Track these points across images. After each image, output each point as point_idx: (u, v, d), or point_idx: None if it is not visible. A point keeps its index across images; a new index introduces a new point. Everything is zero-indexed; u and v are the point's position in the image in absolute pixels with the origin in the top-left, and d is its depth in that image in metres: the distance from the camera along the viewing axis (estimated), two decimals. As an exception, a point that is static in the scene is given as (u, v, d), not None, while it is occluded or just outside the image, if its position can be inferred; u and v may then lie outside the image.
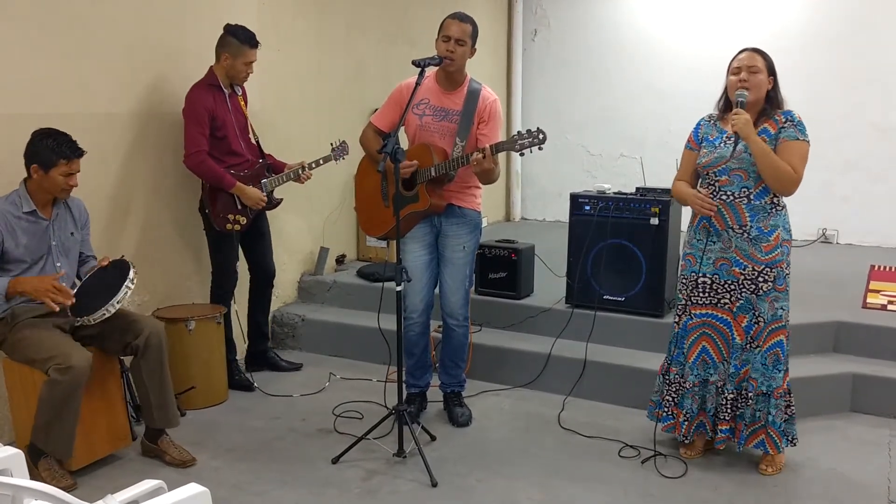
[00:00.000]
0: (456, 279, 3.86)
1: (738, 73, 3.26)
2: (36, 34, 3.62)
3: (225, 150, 4.17)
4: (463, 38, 3.62)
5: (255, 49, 4.17)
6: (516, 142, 3.49)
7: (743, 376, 3.38)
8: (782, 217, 3.31)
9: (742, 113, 3.19)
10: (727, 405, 3.41)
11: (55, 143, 3.22)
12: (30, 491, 1.70)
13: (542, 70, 8.04)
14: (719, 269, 3.36)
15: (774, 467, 3.44)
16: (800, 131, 3.24)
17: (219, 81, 4.15)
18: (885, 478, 3.41)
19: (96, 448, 3.46)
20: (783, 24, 6.80)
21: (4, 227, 3.23)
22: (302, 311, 5.19)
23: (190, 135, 4.05)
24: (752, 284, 3.30)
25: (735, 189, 3.28)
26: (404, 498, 3.24)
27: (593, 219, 4.46)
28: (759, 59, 3.27)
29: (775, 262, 3.28)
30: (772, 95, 3.30)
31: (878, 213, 6.68)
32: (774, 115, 3.27)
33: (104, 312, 3.24)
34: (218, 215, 4.18)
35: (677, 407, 3.54)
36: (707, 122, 3.48)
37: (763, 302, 3.31)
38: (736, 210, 3.29)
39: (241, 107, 4.31)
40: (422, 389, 4.07)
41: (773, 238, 3.27)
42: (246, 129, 4.33)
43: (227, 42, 4.11)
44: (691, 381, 3.48)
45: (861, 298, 4.81)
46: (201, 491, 1.93)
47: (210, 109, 4.06)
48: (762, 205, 3.26)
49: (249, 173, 4.26)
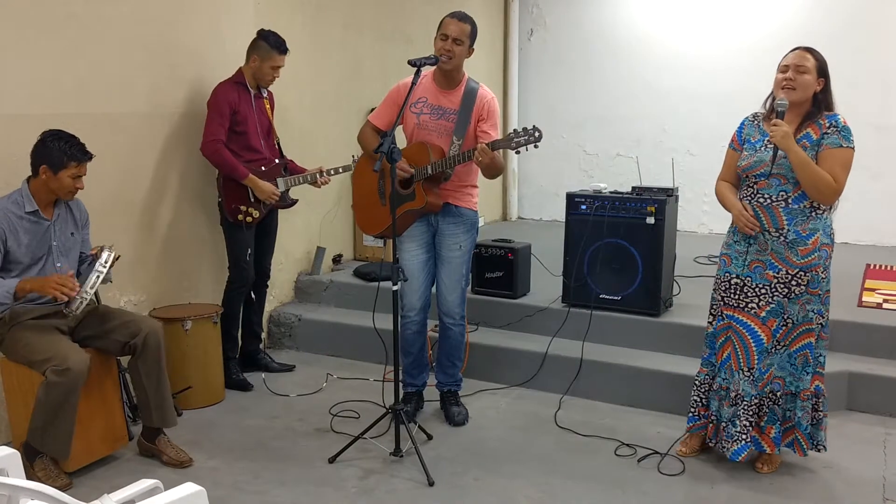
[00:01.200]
0: (453, 278, 3.86)
1: (786, 72, 3.18)
2: (32, 35, 3.61)
3: (243, 145, 4.25)
4: (461, 37, 3.62)
5: (284, 55, 4.27)
6: (512, 139, 3.50)
7: (766, 380, 3.32)
8: (823, 221, 3.22)
9: (781, 124, 3.10)
10: (750, 412, 3.33)
11: (67, 145, 3.25)
12: (26, 491, 1.71)
13: (538, 70, 8.05)
14: (753, 272, 3.30)
15: (770, 466, 3.44)
16: (844, 137, 3.14)
17: (245, 81, 4.25)
18: (880, 475, 3.42)
19: (93, 449, 3.45)
20: (779, 22, 6.80)
21: (7, 226, 3.23)
22: (298, 311, 5.19)
23: (210, 124, 4.16)
24: (785, 288, 3.24)
25: (773, 192, 3.22)
26: (401, 497, 3.25)
27: (590, 218, 4.47)
28: (810, 58, 3.17)
29: (811, 265, 3.21)
30: (820, 98, 3.20)
31: (874, 212, 6.68)
32: (819, 119, 3.18)
33: (80, 301, 3.23)
34: (230, 206, 4.24)
35: (705, 407, 3.52)
36: (751, 122, 3.39)
37: (794, 305, 3.26)
38: (773, 213, 3.23)
39: (266, 109, 4.41)
40: (418, 388, 4.07)
41: (811, 242, 3.20)
42: (269, 131, 4.42)
43: (257, 45, 4.23)
44: (719, 382, 3.44)
45: (857, 297, 4.82)
46: (197, 490, 1.93)
47: (232, 104, 4.17)
48: (800, 208, 3.20)
49: (266, 170, 4.32)
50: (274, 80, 4.34)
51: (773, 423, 3.36)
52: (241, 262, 4.35)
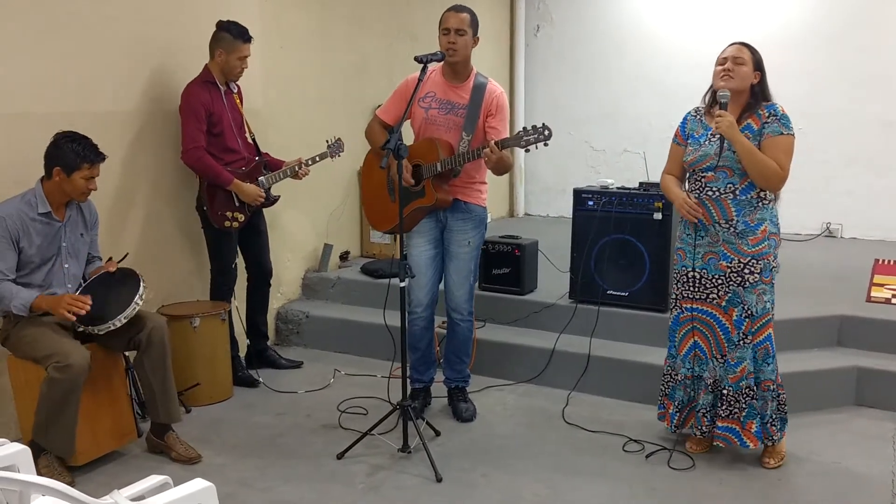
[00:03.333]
0: (461, 274, 3.86)
1: (724, 64, 3.27)
2: (35, 34, 3.62)
3: (222, 147, 4.18)
4: (462, 27, 3.62)
5: (249, 43, 4.17)
6: (521, 138, 3.50)
7: (740, 375, 3.36)
8: (769, 210, 3.31)
9: (726, 115, 3.18)
10: (727, 404, 3.39)
11: (80, 147, 3.27)
12: (37, 486, 1.71)
13: (544, 66, 8.03)
14: (707, 264, 3.37)
15: (776, 458, 3.44)
16: (784, 125, 3.22)
17: (214, 78, 4.16)
18: (889, 471, 3.41)
19: (101, 443, 3.47)
20: (786, 18, 6.78)
21: (21, 227, 3.25)
22: (306, 308, 5.20)
23: (187, 131, 4.06)
24: (739, 277, 3.31)
25: (721, 185, 3.29)
26: (409, 493, 3.25)
27: (596, 214, 4.46)
28: (746, 51, 3.28)
29: (762, 254, 3.29)
30: (757, 90, 3.29)
31: (882, 207, 6.67)
32: (758, 110, 3.26)
33: (110, 326, 3.30)
34: (216, 213, 4.18)
35: (667, 398, 3.59)
36: (693, 116, 3.48)
37: (751, 294, 3.31)
38: (722, 205, 3.29)
39: (237, 104, 4.31)
40: (426, 385, 4.07)
41: (759, 231, 3.28)
42: (242, 126, 4.34)
43: (220, 38, 4.12)
44: (683, 373, 3.51)
45: (865, 292, 4.81)
46: (207, 486, 1.94)
47: (207, 105, 4.08)
48: (748, 199, 3.27)
49: (246, 171, 4.27)
50: (243, 72, 4.23)
51: (752, 417, 3.38)
52: (227, 267, 4.33)
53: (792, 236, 3.52)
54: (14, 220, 3.23)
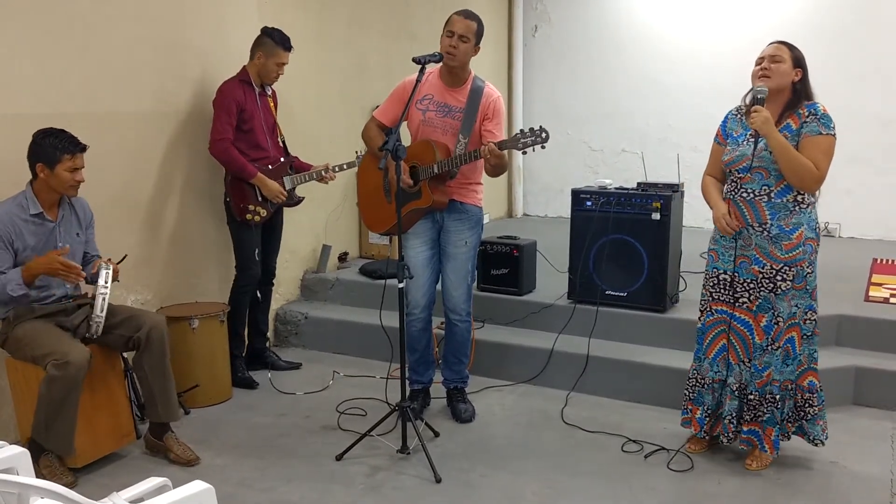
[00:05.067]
0: (458, 275, 3.87)
1: (761, 63, 3.23)
2: (37, 34, 3.62)
3: (250, 144, 4.26)
4: (467, 34, 3.62)
5: (289, 52, 4.29)
6: (519, 140, 3.50)
7: (766, 380, 3.32)
8: (807, 215, 3.23)
9: (761, 110, 3.13)
10: (751, 408, 3.36)
11: (57, 140, 3.26)
12: (36, 489, 1.71)
13: (542, 66, 8.04)
14: (739, 267, 3.32)
15: (760, 462, 3.42)
16: (823, 125, 3.16)
17: (250, 79, 4.26)
18: (888, 470, 3.41)
19: (100, 445, 3.47)
20: (784, 16, 6.78)
21: (13, 230, 3.25)
22: (305, 309, 5.20)
23: (217, 123, 4.17)
24: (771, 283, 3.25)
25: (756, 187, 3.24)
26: (408, 494, 3.25)
27: (595, 214, 4.46)
28: (785, 49, 3.23)
29: (795, 260, 3.21)
30: (798, 88, 3.23)
31: (880, 207, 6.67)
32: (798, 109, 3.20)
33: (96, 325, 3.29)
34: (238, 205, 4.25)
35: (693, 402, 3.53)
36: (734, 115, 3.42)
37: (782, 301, 3.25)
38: (756, 208, 3.24)
39: (270, 107, 4.41)
40: (425, 386, 4.07)
41: (794, 236, 3.21)
42: (274, 129, 4.43)
43: (262, 42, 4.24)
44: (710, 376, 3.45)
45: (863, 292, 4.81)
46: (206, 488, 1.94)
47: (239, 102, 4.18)
48: (783, 203, 3.21)
49: (273, 169, 4.33)
50: (278, 78, 4.35)
51: (772, 424, 3.35)
52: (249, 261, 4.37)
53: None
54: (5, 223, 3.23)
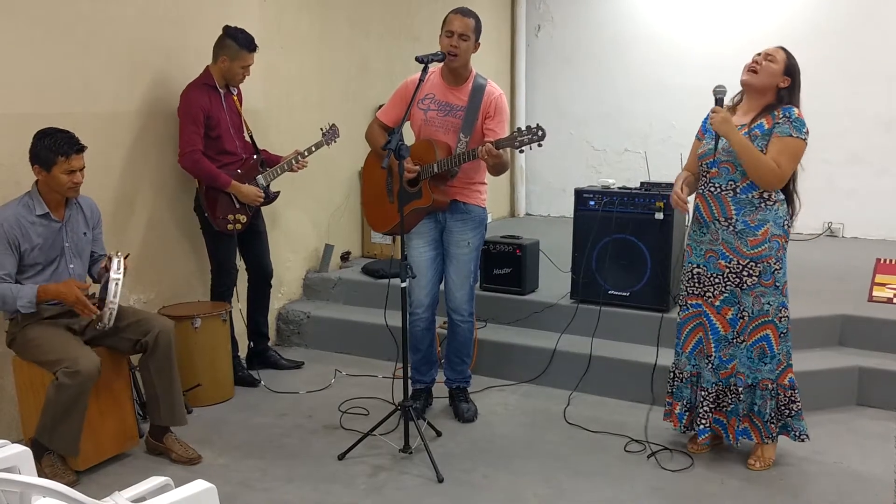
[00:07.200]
0: (461, 275, 3.86)
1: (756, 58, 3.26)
2: (39, 34, 3.63)
3: (219, 150, 4.18)
4: (466, 32, 3.61)
5: (254, 53, 4.18)
6: (515, 138, 3.50)
7: (730, 371, 3.36)
8: (773, 212, 3.25)
9: (719, 111, 3.19)
10: (709, 398, 3.40)
11: (52, 141, 3.21)
12: (38, 488, 1.71)
13: (545, 66, 8.03)
14: (708, 261, 3.36)
15: (762, 462, 3.42)
16: (795, 128, 3.17)
17: (214, 81, 4.16)
18: (891, 471, 3.40)
19: (104, 448, 3.47)
20: (787, 17, 6.76)
21: (19, 232, 3.23)
22: (307, 308, 5.20)
23: (185, 134, 4.07)
24: (737, 278, 3.29)
25: (722, 181, 3.27)
26: (410, 493, 3.25)
27: (598, 214, 4.46)
28: (781, 52, 3.25)
29: (761, 256, 3.25)
30: (783, 95, 3.24)
31: (883, 207, 6.65)
32: (774, 111, 3.23)
33: (109, 313, 3.26)
34: (217, 217, 4.18)
35: (672, 397, 3.56)
36: None
37: (747, 296, 3.29)
38: (722, 202, 3.28)
39: (236, 106, 4.31)
40: (427, 385, 4.07)
41: (760, 233, 3.23)
42: (240, 128, 4.34)
43: (225, 44, 4.12)
44: (688, 370, 3.50)
45: (867, 292, 4.80)
46: (208, 487, 1.94)
47: (205, 109, 4.08)
48: (749, 199, 3.24)
49: (243, 171, 4.27)
50: (244, 79, 4.25)
51: (735, 415, 3.38)
52: (225, 265, 4.32)
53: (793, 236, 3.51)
54: (11, 224, 3.21)
